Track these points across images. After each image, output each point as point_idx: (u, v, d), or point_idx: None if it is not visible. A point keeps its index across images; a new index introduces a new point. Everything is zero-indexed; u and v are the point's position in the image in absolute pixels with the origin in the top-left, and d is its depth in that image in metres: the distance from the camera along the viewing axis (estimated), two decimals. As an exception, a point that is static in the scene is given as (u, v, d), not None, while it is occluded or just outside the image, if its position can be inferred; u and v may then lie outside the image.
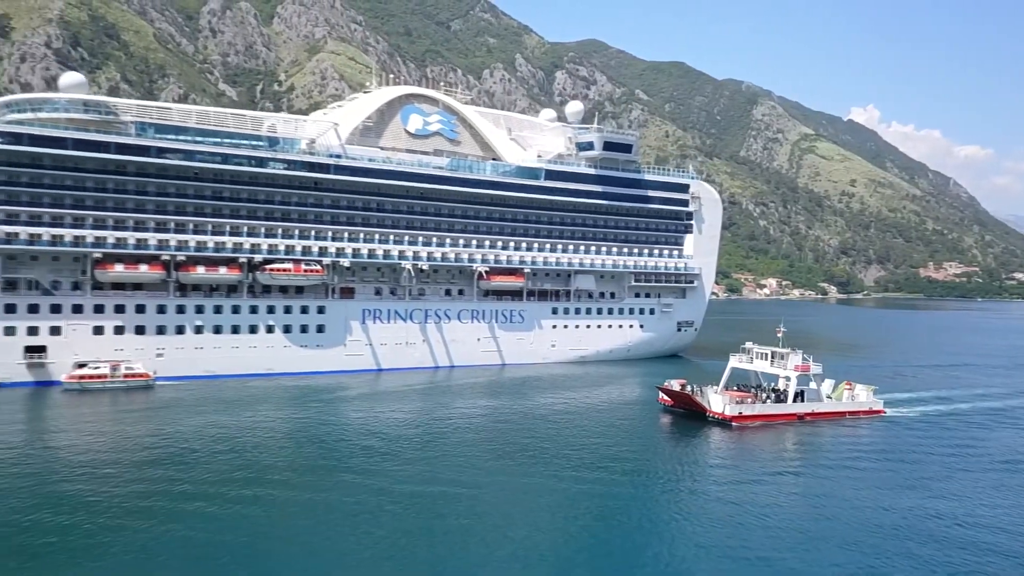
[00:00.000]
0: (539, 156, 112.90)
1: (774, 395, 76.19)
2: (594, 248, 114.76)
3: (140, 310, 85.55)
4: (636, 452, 61.86)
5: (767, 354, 78.16)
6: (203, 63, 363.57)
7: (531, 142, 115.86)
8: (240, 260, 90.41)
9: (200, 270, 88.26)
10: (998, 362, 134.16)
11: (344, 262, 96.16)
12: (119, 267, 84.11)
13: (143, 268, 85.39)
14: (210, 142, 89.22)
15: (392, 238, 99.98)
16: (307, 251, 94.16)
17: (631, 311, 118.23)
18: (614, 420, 75.21)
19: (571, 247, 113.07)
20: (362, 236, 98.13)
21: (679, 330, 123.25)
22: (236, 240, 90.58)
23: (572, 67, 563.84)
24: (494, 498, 48.27)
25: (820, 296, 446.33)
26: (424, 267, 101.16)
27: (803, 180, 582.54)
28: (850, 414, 77.08)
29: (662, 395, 77.81)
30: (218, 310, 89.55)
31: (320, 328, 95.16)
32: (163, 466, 52.01)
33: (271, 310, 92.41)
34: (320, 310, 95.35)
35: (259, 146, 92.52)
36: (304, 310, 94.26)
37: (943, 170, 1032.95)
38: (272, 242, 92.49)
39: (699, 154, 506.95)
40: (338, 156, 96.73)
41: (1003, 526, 46.03)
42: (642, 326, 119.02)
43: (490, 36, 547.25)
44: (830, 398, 78.48)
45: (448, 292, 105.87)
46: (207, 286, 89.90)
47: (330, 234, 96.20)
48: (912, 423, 75.28)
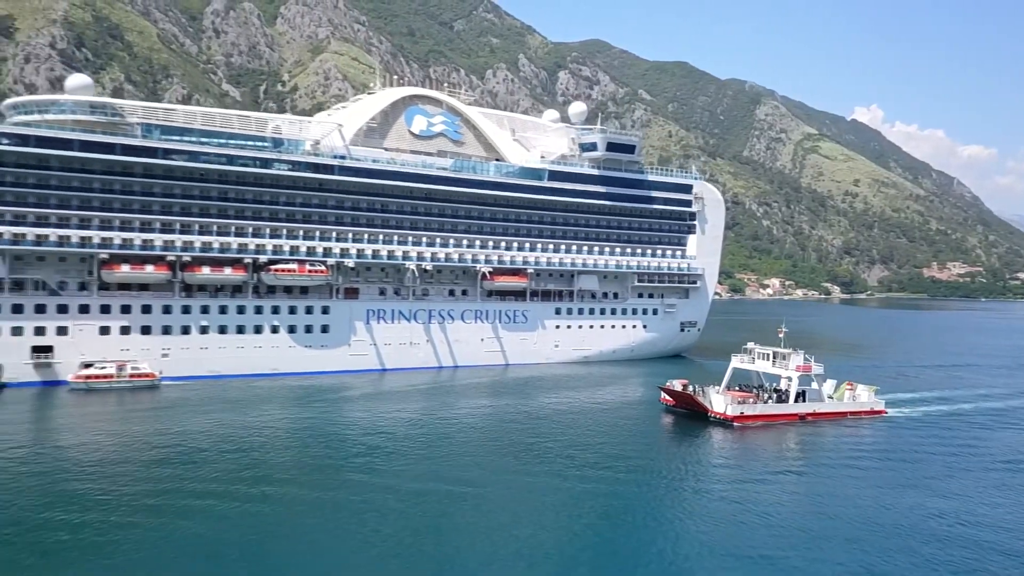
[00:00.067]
0: (543, 157, 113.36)
1: (776, 395, 76.47)
2: (597, 249, 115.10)
3: (146, 310, 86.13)
4: (639, 452, 62.24)
5: (769, 354, 78.48)
6: (207, 63, 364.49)
7: (534, 143, 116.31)
8: (245, 261, 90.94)
9: (205, 270, 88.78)
10: (1001, 362, 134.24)
11: (348, 263, 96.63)
12: (125, 268, 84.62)
13: (149, 269, 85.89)
14: (215, 143, 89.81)
15: (396, 239, 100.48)
16: (311, 252, 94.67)
17: (634, 311, 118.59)
18: (616, 420, 75.59)
19: (574, 248, 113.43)
20: (366, 237, 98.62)
21: (682, 330, 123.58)
22: (241, 241, 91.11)
23: (575, 67, 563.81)
24: (499, 497, 48.75)
25: (823, 296, 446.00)
26: (428, 267, 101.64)
27: (806, 180, 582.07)
28: (851, 414, 77.35)
29: (664, 395, 78.22)
30: (223, 310, 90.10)
31: (324, 328, 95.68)
32: (171, 465, 52.56)
33: (276, 310, 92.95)
34: (324, 310, 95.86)
35: (264, 147, 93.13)
36: (309, 310, 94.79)
37: (947, 170, 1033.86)
38: (277, 243, 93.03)
39: (702, 154, 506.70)
40: (342, 157, 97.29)
41: (1005, 525, 46.35)
42: (645, 326, 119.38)
43: (493, 36, 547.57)
44: (831, 398, 78.73)
45: (452, 292, 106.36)
46: (212, 286, 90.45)
47: (334, 235, 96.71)
48: (914, 423, 75.54)
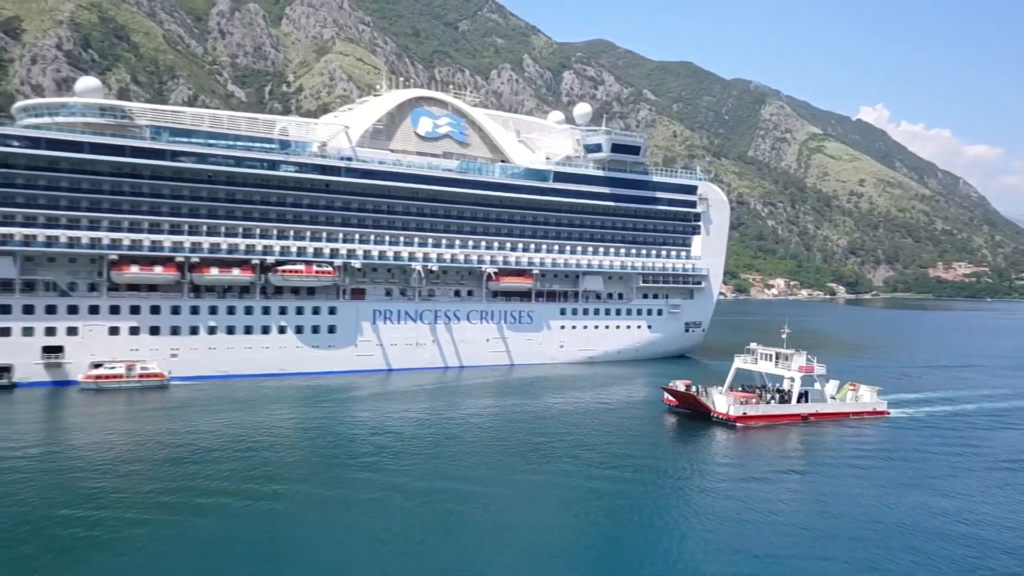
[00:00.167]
0: (547, 158, 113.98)
1: (778, 396, 76.91)
2: (602, 249, 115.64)
3: (155, 311, 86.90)
4: (643, 452, 62.80)
5: (771, 355, 78.89)
6: (212, 64, 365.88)
7: (539, 144, 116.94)
8: (253, 262, 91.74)
9: (214, 271, 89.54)
10: (1005, 363, 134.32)
11: (355, 263, 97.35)
12: (134, 268, 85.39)
13: (158, 269, 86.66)
14: (223, 145, 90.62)
15: (402, 240, 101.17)
16: (319, 253, 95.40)
17: (639, 312, 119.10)
18: (621, 420, 76.11)
19: (579, 248, 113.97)
20: (373, 238, 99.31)
21: (687, 331, 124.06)
22: (249, 242, 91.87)
23: (580, 67, 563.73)
24: (506, 495, 49.38)
25: (828, 296, 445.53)
26: (434, 268, 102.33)
27: (811, 180, 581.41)
28: (854, 415, 77.74)
29: (667, 395, 78.72)
30: (231, 311, 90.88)
31: (331, 329, 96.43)
32: (182, 464, 53.32)
33: (283, 311, 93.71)
34: (331, 311, 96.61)
35: (271, 149, 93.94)
36: (316, 311, 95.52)
37: (952, 170, 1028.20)
38: (284, 244, 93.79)
39: (707, 154, 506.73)
40: (349, 159, 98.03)
41: (1007, 524, 46.81)
42: (650, 327, 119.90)
43: (498, 36, 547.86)
44: (834, 399, 79.10)
45: (457, 293, 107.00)
46: (220, 287, 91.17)
47: (341, 236, 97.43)
48: (916, 424, 75.91)
